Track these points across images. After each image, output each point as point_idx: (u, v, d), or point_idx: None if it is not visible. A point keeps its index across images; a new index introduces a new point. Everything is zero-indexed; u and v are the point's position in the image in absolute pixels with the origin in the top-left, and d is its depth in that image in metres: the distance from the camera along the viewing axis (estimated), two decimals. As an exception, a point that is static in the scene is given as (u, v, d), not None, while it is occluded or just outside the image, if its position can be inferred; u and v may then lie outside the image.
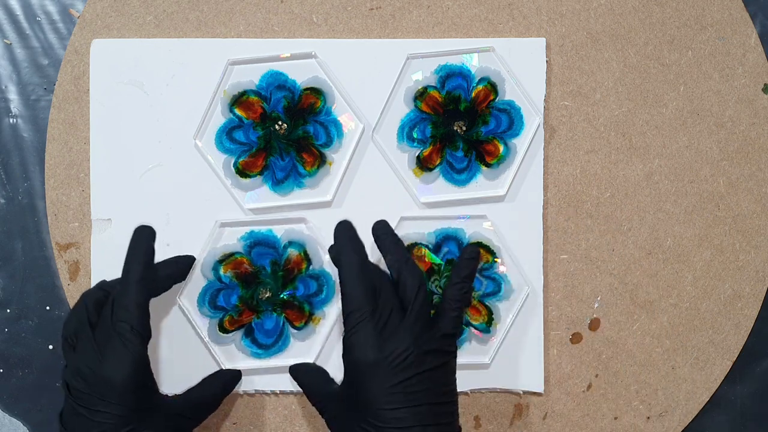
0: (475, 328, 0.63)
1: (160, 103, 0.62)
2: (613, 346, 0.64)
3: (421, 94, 0.62)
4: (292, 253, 0.62)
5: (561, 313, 0.64)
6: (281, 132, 0.62)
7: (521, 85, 0.62)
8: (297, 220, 0.62)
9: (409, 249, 0.62)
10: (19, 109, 0.64)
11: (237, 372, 0.61)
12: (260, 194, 0.62)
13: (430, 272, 0.62)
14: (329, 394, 0.56)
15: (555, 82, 0.63)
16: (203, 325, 0.61)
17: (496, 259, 0.63)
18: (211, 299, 0.61)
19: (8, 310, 0.64)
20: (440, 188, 0.63)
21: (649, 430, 0.64)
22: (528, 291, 0.63)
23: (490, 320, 0.63)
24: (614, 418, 0.64)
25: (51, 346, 0.64)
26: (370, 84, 0.62)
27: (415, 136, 0.62)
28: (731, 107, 0.64)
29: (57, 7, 0.64)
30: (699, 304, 0.64)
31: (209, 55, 0.62)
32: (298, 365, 0.60)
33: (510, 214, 0.63)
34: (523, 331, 0.63)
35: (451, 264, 0.62)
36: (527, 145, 0.62)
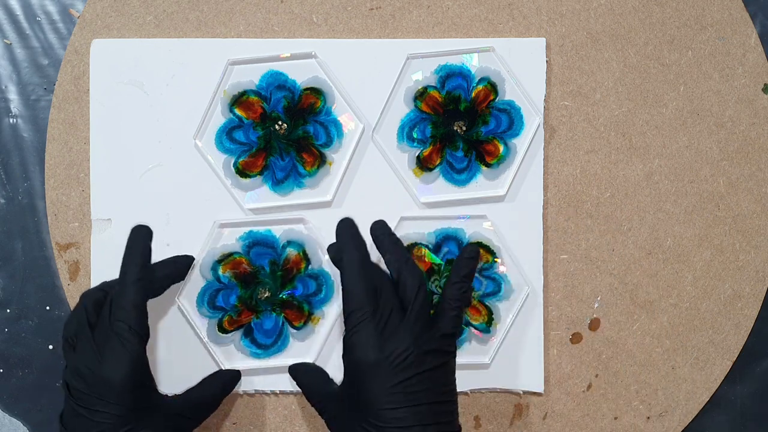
0: (475, 328, 0.63)
1: (160, 103, 0.62)
2: (613, 346, 0.64)
3: (421, 94, 0.62)
4: (291, 252, 0.62)
5: (561, 313, 0.64)
6: (281, 132, 0.62)
7: (521, 85, 0.62)
8: (296, 220, 0.62)
9: (409, 249, 0.62)
10: (19, 109, 0.64)
11: (236, 372, 0.61)
12: (260, 194, 0.62)
13: (430, 272, 0.62)
14: (329, 395, 0.56)
15: (555, 82, 0.63)
16: (202, 326, 0.61)
17: (496, 259, 0.63)
18: (210, 299, 0.61)
19: (8, 310, 0.64)
20: (440, 188, 0.63)
21: (649, 430, 0.64)
22: (528, 291, 0.63)
23: (490, 320, 0.63)
24: (614, 418, 0.64)
25: (51, 346, 0.64)
26: (370, 84, 0.62)
27: (415, 136, 0.62)
28: (731, 107, 0.64)
29: (57, 7, 0.64)
30: (699, 304, 0.64)
31: (209, 55, 0.62)
32: (298, 365, 0.60)
33: (510, 214, 0.63)
34: (523, 331, 0.63)
35: (451, 264, 0.62)
36: (527, 145, 0.62)
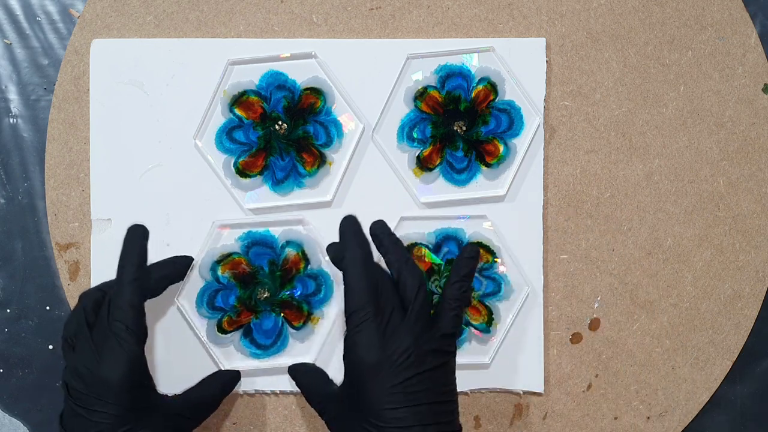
0: (475, 328, 0.63)
1: (160, 103, 0.62)
2: (613, 346, 0.64)
3: (421, 94, 0.62)
4: (290, 252, 0.62)
5: (561, 313, 0.64)
6: (281, 132, 0.62)
7: (521, 85, 0.62)
8: (295, 222, 0.62)
9: (409, 249, 0.62)
10: (19, 109, 0.64)
11: (236, 372, 0.61)
12: (260, 194, 0.62)
13: (430, 272, 0.62)
14: (328, 395, 0.56)
15: (555, 82, 0.63)
16: (202, 326, 0.61)
17: (496, 259, 0.63)
18: (210, 300, 0.61)
19: (8, 310, 0.64)
20: (440, 188, 0.63)
21: (649, 430, 0.64)
22: (528, 291, 0.63)
23: (490, 320, 0.63)
24: (614, 418, 0.64)
25: (51, 346, 0.64)
26: (370, 84, 0.62)
27: (415, 136, 0.62)
28: (731, 107, 0.64)
29: (57, 7, 0.64)
30: (699, 304, 0.64)
31: (209, 55, 0.62)
32: (297, 365, 0.60)
33: (510, 214, 0.63)
34: (523, 331, 0.63)
35: (451, 264, 0.62)
36: (527, 145, 0.62)
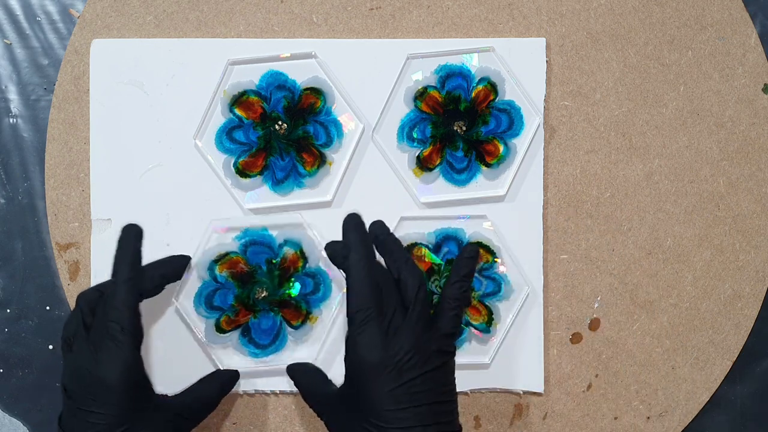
0: (475, 328, 0.63)
1: (160, 103, 0.62)
2: (613, 346, 0.64)
3: (421, 94, 0.62)
4: (288, 251, 0.61)
5: (561, 313, 0.64)
6: (281, 132, 0.62)
7: (521, 85, 0.62)
8: (293, 225, 0.61)
9: (409, 249, 0.62)
10: (19, 109, 0.64)
11: (235, 372, 0.61)
12: (260, 194, 0.62)
13: (430, 272, 0.62)
14: (327, 395, 0.56)
15: (555, 82, 0.63)
16: (200, 326, 0.61)
17: (496, 259, 0.63)
18: (207, 299, 0.61)
19: (8, 310, 0.64)
20: (440, 188, 0.63)
21: (649, 430, 0.64)
22: (528, 291, 0.63)
23: (490, 320, 0.63)
24: (614, 418, 0.64)
25: (51, 346, 0.64)
26: (370, 84, 0.62)
27: (415, 136, 0.62)
28: (731, 107, 0.64)
29: (57, 7, 0.64)
30: (699, 304, 0.64)
31: (209, 55, 0.62)
32: (296, 365, 0.60)
33: (510, 214, 0.63)
34: (523, 331, 0.63)
35: (451, 264, 0.62)
36: (527, 145, 0.62)
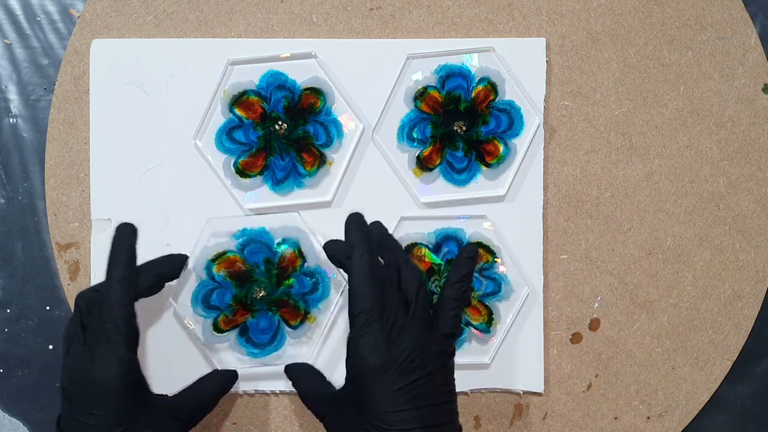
0: (475, 328, 0.63)
1: (160, 103, 0.62)
2: (613, 346, 0.64)
3: (421, 94, 0.62)
4: (286, 250, 0.61)
5: (561, 313, 0.64)
6: (281, 132, 0.62)
7: (521, 85, 0.62)
8: (292, 228, 0.61)
9: (409, 249, 0.62)
10: (19, 109, 0.64)
11: (233, 372, 0.60)
12: (260, 194, 0.62)
13: (430, 272, 0.62)
14: (327, 396, 0.56)
15: (555, 82, 0.63)
16: (197, 326, 0.61)
17: (496, 259, 0.63)
18: (205, 299, 0.61)
19: (8, 310, 0.64)
20: (440, 188, 0.63)
21: (649, 430, 0.64)
22: (528, 291, 0.63)
23: (490, 320, 0.63)
24: (614, 418, 0.64)
25: (51, 346, 0.64)
26: (370, 84, 0.62)
27: (415, 136, 0.62)
28: (731, 107, 0.64)
29: (57, 7, 0.64)
30: (699, 304, 0.64)
31: (209, 55, 0.62)
32: (294, 365, 0.60)
33: (510, 214, 0.63)
34: (523, 331, 0.63)
35: (451, 264, 0.62)
36: (527, 145, 0.62)
